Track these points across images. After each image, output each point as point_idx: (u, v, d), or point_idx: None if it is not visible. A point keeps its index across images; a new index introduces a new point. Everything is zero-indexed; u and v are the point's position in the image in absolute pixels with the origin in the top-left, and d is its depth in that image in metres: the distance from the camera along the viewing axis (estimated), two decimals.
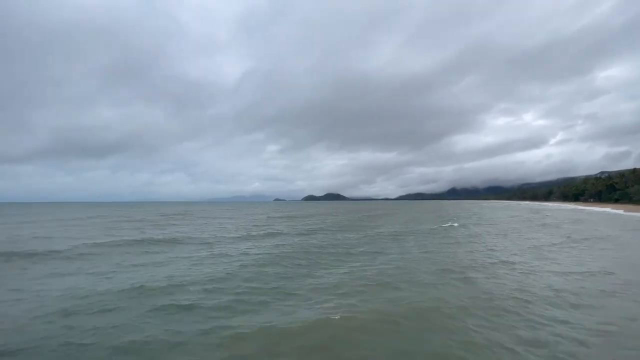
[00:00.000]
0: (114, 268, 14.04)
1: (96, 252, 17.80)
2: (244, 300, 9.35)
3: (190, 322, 7.67)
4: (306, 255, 17.20)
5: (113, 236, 26.14)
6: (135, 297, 9.63)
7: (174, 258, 16.36)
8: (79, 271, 13.40)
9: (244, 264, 14.43)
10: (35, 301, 9.17)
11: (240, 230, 31.49)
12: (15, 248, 18.51)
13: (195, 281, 11.39)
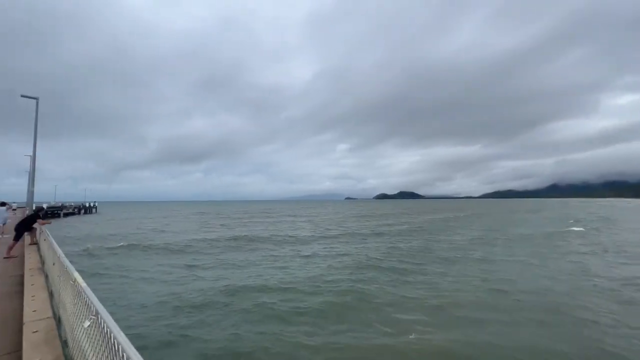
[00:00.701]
0: (215, 263, 16.58)
1: (201, 247, 22.36)
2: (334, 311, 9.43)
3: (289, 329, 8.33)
4: (392, 260, 16.63)
5: (211, 231, 32.89)
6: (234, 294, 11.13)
7: (272, 257, 18.21)
8: (188, 265, 16.40)
9: (333, 266, 15.26)
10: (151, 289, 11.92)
11: (320, 229, 34.30)
12: (138, 241, 25.23)
13: (290, 283, 12.25)
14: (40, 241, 9.70)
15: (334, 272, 14.16)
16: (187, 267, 15.95)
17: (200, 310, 9.51)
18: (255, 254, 19.49)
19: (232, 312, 9.38)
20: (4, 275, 7.42)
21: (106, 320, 2.05)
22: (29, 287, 5.48)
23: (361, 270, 14.46)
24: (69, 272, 3.64)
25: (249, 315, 9.13)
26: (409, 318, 8.80)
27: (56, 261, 5.14)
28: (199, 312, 9.41)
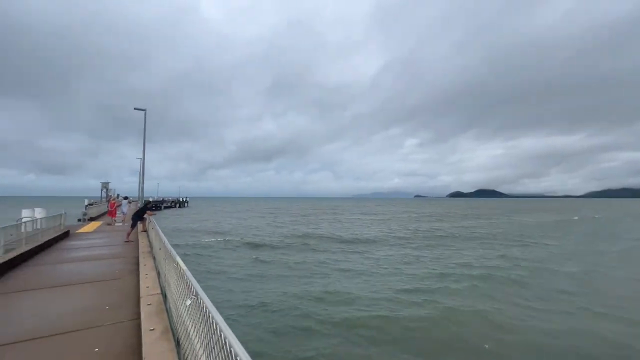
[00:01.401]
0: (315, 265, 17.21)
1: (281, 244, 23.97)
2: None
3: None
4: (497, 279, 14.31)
5: (283, 227, 34.96)
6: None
7: (348, 261, 18.17)
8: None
9: (419, 276, 14.56)
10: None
11: (397, 230, 33.89)
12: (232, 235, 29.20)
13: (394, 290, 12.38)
14: (149, 229, 11.66)
15: (427, 283, 13.53)
16: (262, 262, 17.46)
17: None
18: (326, 255, 19.81)
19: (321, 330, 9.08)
20: (126, 256, 9.14)
21: (204, 301, 2.35)
22: (142, 266, 6.65)
23: (453, 281, 13.64)
24: (172, 256, 4.28)
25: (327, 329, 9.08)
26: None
27: (161, 246, 6.11)
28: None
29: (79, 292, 5.76)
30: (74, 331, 4.09)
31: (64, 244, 11.34)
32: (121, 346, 3.66)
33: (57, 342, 3.79)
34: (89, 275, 6.97)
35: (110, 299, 5.38)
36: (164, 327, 3.51)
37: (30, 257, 8.72)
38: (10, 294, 5.70)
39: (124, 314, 4.63)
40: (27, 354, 3.52)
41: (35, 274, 7.13)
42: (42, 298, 5.47)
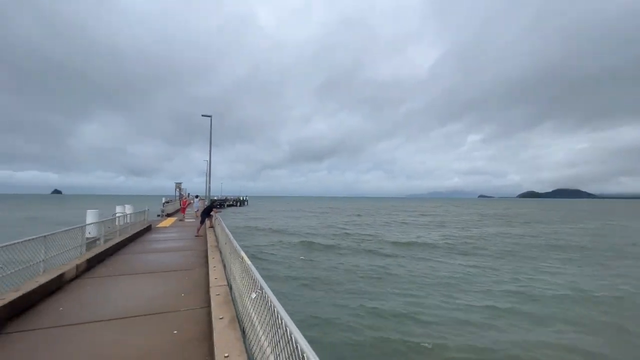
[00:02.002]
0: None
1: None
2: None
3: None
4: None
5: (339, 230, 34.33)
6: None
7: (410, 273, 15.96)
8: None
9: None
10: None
11: (471, 234, 30.39)
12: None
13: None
14: (215, 225, 12.71)
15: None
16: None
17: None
18: (389, 261, 18.41)
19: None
20: (196, 249, 10.11)
21: (270, 296, 2.45)
22: (211, 259, 7.28)
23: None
24: (237, 251, 4.58)
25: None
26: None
27: (227, 241, 6.59)
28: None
29: (160, 279, 6.54)
30: (157, 313, 4.64)
31: (148, 236, 13.00)
32: (195, 331, 4.04)
33: (143, 322, 4.34)
34: (167, 265, 7.88)
35: (185, 287, 6.00)
36: (231, 316, 3.77)
37: (122, 246, 10.18)
38: (109, 277, 6.72)
39: (196, 302, 5.12)
40: (120, 330, 4.10)
41: (127, 261, 8.31)
42: (132, 282, 6.34)
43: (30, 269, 5.66)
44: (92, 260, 7.57)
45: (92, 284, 6.18)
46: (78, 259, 7.29)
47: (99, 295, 5.52)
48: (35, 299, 5.03)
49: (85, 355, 3.47)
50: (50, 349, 3.60)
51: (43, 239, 6.03)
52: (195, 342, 3.73)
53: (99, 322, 4.34)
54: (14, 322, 4.33)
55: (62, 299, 5.31)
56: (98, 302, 5.16)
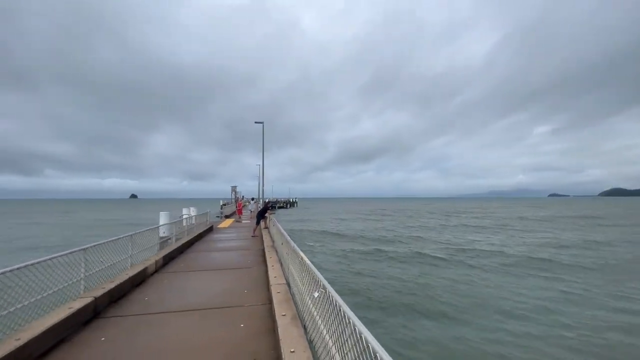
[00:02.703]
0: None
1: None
2: None
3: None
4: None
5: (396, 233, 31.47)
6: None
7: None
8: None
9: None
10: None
11: (559, 244, 23.69)
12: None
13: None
14: (270, 226, 13.33)
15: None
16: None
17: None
18: (459, 273, 15.35)
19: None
20: (253, 248, 10.73)
21: (333, 295, 2.52)
22: (268, 258, 7.67)
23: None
24: (295, 251, 4.76)
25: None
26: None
27: (283, 242, 6.88)
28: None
29: (225, 276, 7.09)
30: (224, 307, 5.05)
31: (210, 236, 14.15)
32: (259, 325, 4.31)
33: (214, 315, 4.75)
34: (229, 263, 8.50)
35: (246, 284, 6.42)
36: (292, 314, 3.94)
37: (190, 245, 11.24)
38: (181, 272, 7.49)
39: (258, 298, 5.45)
40: (196, 320, 4.54)
41: (195, 259, 9.15)
42: (201, 278, 6.98)
43: (120, 263, 6.56)
44: (167, 257, 8.49)
45: (168, 278, 6.94)
46: (156, 255, 8.25)
47: (175, 289, 6.19)
48: (126, 289, 5.83)
49: (171, 339, 3.92)
50: (142, 332, 4.14)
51: (130, 238, 6.95)
52: (260, 336, 3.97)
53: (178, 312, 4.87)
54: (112, 308, 5.07)
55: (146, 290, 6.06)
56: (175, 295, 5.79)
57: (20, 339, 3.32)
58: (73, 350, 3.70)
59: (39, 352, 3.49)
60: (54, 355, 3.55)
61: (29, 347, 3.32)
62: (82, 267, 5.05)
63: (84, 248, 5.13)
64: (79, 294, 4.86)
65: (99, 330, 4.26)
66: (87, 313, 4.50)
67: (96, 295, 4.79)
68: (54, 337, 3.74)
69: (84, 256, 5.11)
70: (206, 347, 3.69)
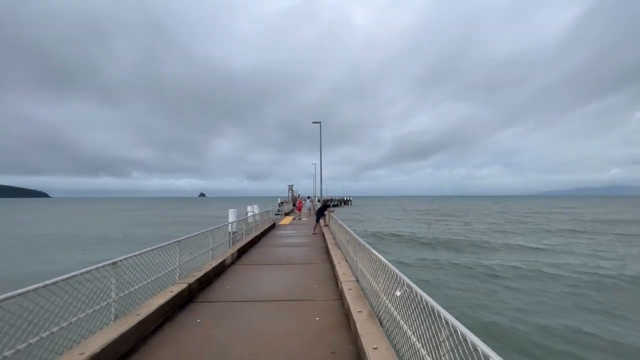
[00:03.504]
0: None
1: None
2: None
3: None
4: None
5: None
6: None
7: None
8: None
9: None
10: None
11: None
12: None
13: None
14: (330, 223, 13.56)
15: None
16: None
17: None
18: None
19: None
20: (315, 245, 11.05)
21: (422, 295, 2.48)
22: (333, 255, 7.83)
23: None
24: (366, 249, 4.78)
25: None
26: None
27: (349, 239, 6.96)
28: None
29: (292, 270, 7.45)
30: (298, 300, 5.31)
31: (274, 232, 14.96)
32: (333, 319, 4.43)
33: (289, 306, 5.03)
34: (295, 258, 8.89)
35: (315, 279, 6.65)
36: (368, 311, 3.98)
37: (258, 240, 12.05)
38: (254, 265, 8.08)
39: (328, 294, 5.61)
40: (273, 310, 4.86)
41: (263, 253, 9.78)
42: (271, 271, 7.43)
43: (203, 256, 7.34)
44: (240, 251, 9.24)
45: (243, 270, 7.54)
46: (231, 249, 9.03)
47: (250, 280, 6.71)
48: (210, 278, 6.51)
49: (255, 326, 4.27)
50: (229, 317, 4.59)
51: (210, 232, 7.73)
52: (336, 330, 4.09)
53: (257, 301, 5.28)
54: (201, 294, 5.71)
55: (226, 280, 6.69)
56: (251, 285, 6.28)
57: (140, 314, 3.95)
58: (176, 328, 4.26)
59: (153, 328, 4.10)
60: (163, 331, 4.14)
61: (146, 322, 3.94)
62: (177, 256, 5.78)
63: (179, 240, 5.88)
64: (174, 280, 5.58)
65: (194, 313, 4.84)
66: (183, 297, 5.15)
67: (189, 282, 5.45)
68: (162, 316, 4.37)
69: (178, 247, 5.85)
70: (288, 336, 3.93)
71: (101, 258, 9.91)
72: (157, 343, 3.82)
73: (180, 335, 4.01)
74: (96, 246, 24.77)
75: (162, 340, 3.88)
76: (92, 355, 2.97)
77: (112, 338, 3.31)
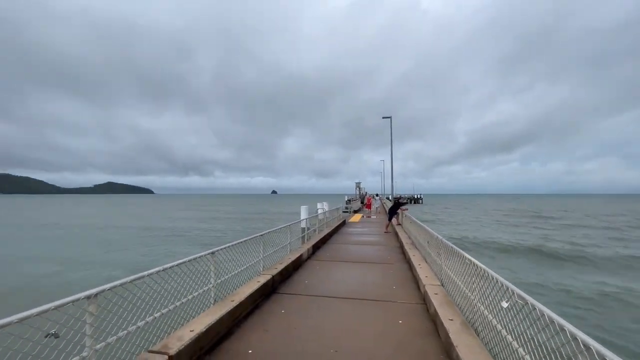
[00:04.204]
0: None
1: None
2: None
3: None
4: None
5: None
6: None
7: None
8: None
9: None
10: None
11: None
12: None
13: None
14: (404, 222, 12.98)
15: None
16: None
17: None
18: None
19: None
20: (389, 244, 10.69)
21: (540, 308, 2.11)
22: (411, 256, 7.44)
23: None
24: (456, 252, 4.36)
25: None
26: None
27: (430, 240, 6.50)
28: None
29: (367, 269, 7.31)
30: (377, 300, 5.16)
31: (344, 229, 15.03)
32: (419, 325, 4.17)
33: (369, 306, 4.92)
34: (368, 257, 8.73)
35: (392, 279, 6.40)
36: (461, 320, 3.61)
37: (329, 237, 12.24)
38: (328, 261, 8.20)
39: (409, 296, 5.32)
40: (353, 308, 4.81)
41: (336, 250, 9.88)
42: (346, 268, 7.43)
43: (282, 250, 7.74)
44: (314, 247, 9.49)
45: (319, 266, 7.72)
46: (306, 244, 9.35)
47: (326, 275, 6.82)
48: (290, 271, 6.82)
49: (335, 322, 4.29)
50: (311, 311, 4.71)
51: (288, 228, 8.12)
52: (422, 336, 3.83)
53: (335, 297, 5.32)
54: (282, 286, 6.02)
55: (304, 274, 6.92)
56: (329, 281, 6.37)
57: (234, 300, 4.34)
58: (264, 316, 4.56)
59: (244, 314, 4.47)
60: (253, 318, 4.46)
61: (239, 308, 4.30)
62: (261, 249, 6.21)
63: (262, 234, 6.30)
64: (259, 272, 6.00)
65: (278, 303, 5.11)
66: (268, 287, 5.49)
67: (273, 274, 5.79)
68: (251, 303, 4.73)
69: (262, 240, 6.27)
70: (372, 337, 3.83)
71: (199, 249, 11.10)
72: (249, 328, 4.14)
73: (268, 324, 4.26)
74: (197, 238, 28.61)
75: (253, 326, 4.18)
76: (200, 334, 3.35)
77: (214, 320, 3.69)
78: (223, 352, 3.49)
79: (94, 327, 2.53)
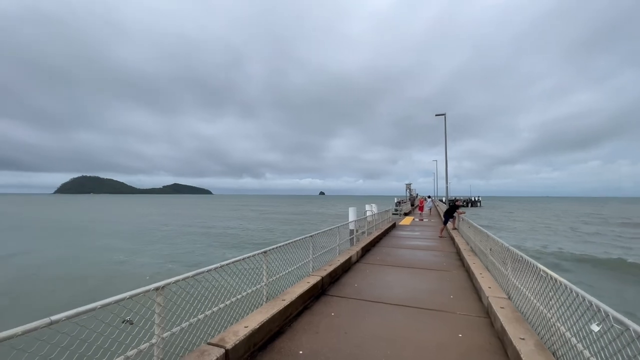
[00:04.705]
0: None
1: None
2: None
3: None
4: None
5: None
6: None
7: None
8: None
9: None
10: None
11: None
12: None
13: None
14: (462, 227, 12.06)
15: None
16: None
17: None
18: None
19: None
20: (444, 250, 10.01)
21: None
22: (471, 264, 6.83)
23: None
24: (527, 262, 3.87)
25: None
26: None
27: (493, 247, 5.89)
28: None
29: (422, 275, 6.90)
30: (432, 310, 4.82)
31: (394, 233, 14.50)
32: (481, 340, 3.77)
33: (423, 315, 4.61)
34: (421, 262, 8.26)
35: (449, 288, 5.94)
36: (535, 340, 3.17)
37: (379, 240, 11.91)
38: (378, 265, 7.94)
39: (469, 308, 4.87)
40: (405, 316, 4.55)
41: (386, 253, 9.54)
42: (397, 273, 7.11)
43: (331, 252, 7.70)
44: (364, 250, 9.30)
45: (369, 269, 7.51)
46: (356, 247, 9.20)
47: (377, 280, 6.60)
48: (338, 273, 6.75)
49: (388, 329, 4.10)
50: (361, 315, 4.58)
51: (337, 229, 8.07)
52: (488, 354, 3.45)
53: (388, 303, 5.10)
54: (331, 288, 5.98)
55: (354, 277, 6.80)
56: (380, 286, 6.15)
57: (285, 300, 4.41)
58: (314, 317, 4.55)
59: (294, 314, 4.51)
60: (303, 318, 4.49)
61: (290, 308, 4.36)
62: (310, 250, 6.25)
63: (312, 235, 6.34)
64: (308, 272, 6.04)
65: (327, 305, 5.07)
66: (317, 289, 5.49)
67: (322, 275, 5.78)
68: (302, 304, 4.77)
69: (311, 241, 6.31)
70: (428, 349, 3.57)
71: (252, 249, 11.56)
72: (299, 328, 4.16)
73: (319, 325, 4.24)
74: (251, 237, 30.31)
75: (303, 327, 4.20)
76: (253, 330, 3.45)
77: (267, 317, 3.78)
78: (275, 351, 3.55)
79: (162, 317, 2.75)
